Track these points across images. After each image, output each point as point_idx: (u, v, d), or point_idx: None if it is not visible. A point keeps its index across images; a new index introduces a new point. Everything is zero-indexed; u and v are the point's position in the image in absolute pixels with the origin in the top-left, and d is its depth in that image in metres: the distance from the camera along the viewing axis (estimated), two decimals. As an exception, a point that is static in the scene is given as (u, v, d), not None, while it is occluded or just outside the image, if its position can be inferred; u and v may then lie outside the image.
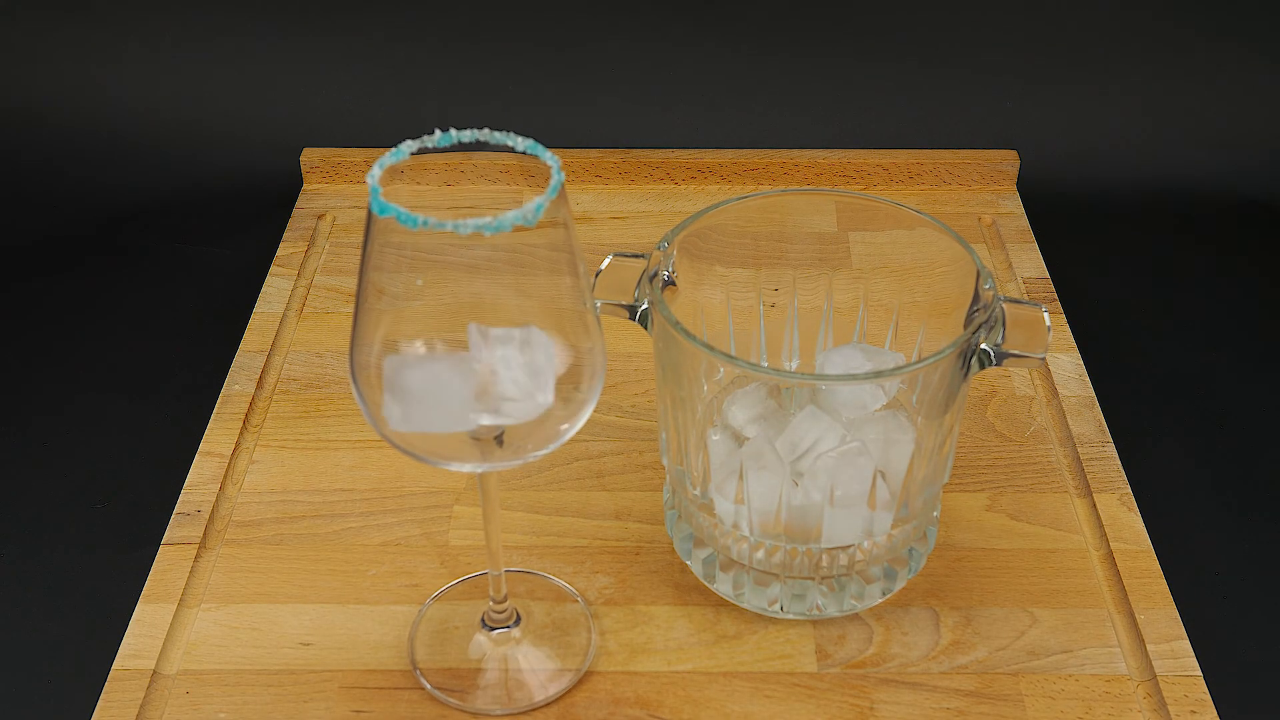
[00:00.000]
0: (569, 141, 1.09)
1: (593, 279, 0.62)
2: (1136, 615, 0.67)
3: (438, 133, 0.52)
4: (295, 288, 0.91)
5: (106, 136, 1.13)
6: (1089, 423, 0.79)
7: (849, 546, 0.64)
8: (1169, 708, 0.63)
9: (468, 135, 0.52)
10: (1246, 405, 0.89)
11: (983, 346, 0.60)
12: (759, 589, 0.66)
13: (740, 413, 0.67)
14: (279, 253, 0.95)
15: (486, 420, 0.53)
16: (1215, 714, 0.62)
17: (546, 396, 0.53)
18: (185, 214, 1.08)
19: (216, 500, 0.74)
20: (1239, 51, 1.12)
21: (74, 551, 0.78)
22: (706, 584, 0.68)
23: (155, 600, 0.68)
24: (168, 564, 0.70)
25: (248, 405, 0.81)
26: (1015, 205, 1.00)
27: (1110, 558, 0.71)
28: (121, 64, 1.14)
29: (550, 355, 0.53)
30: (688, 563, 0.69)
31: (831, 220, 0.70)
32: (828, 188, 1.02)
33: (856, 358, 0.68)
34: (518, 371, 0.52)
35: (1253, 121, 1.13)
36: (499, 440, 0.54)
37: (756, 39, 1.14)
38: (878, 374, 0.65)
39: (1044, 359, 0.60)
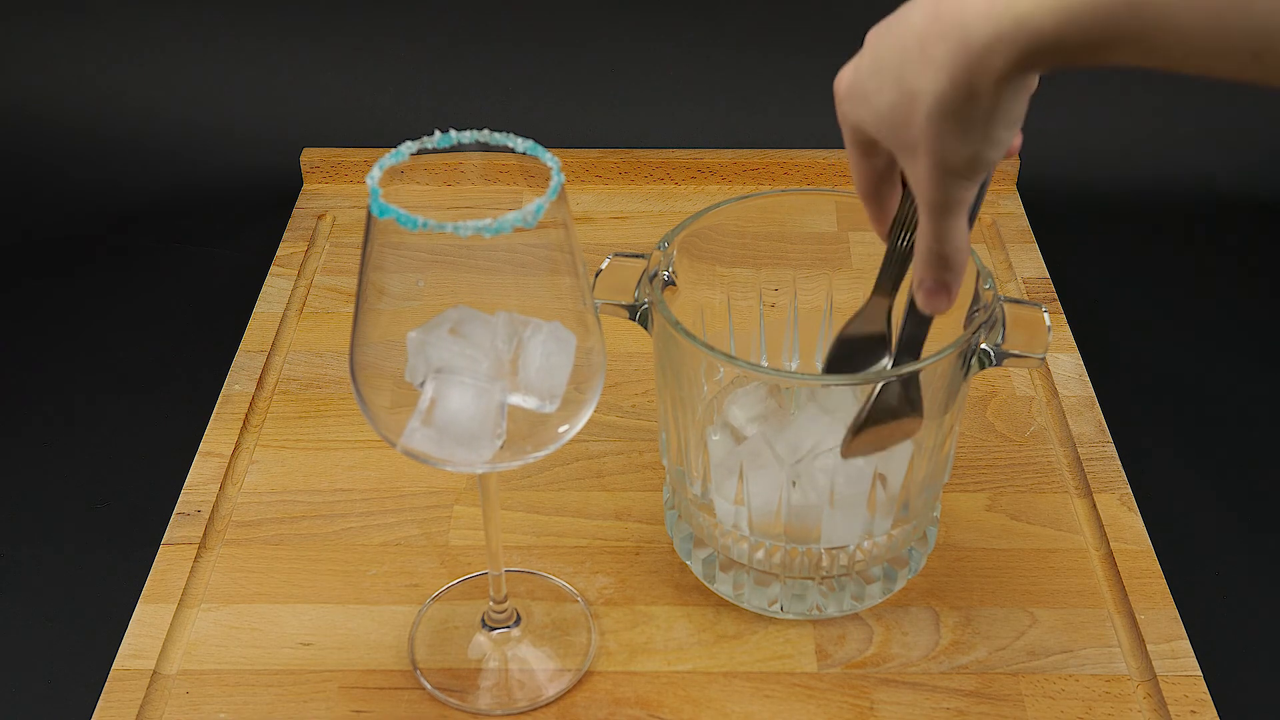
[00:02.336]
0: (569, 141, 1.09)
1: (593, 279, 0.62)
2: (1136, 615, 0.67)
3: (437, 133, 0.52)
4: (295, 288, 0.91)
5: (106, 136, 1.13)
6: (1089, 423, 0.79)
7: (849, 547, 0.64)
8: (1169, 708, 0.63)
9: (467, 136, 0.52)
10: (1246, 405, 0.89)
11: (983, 346, 0.60)
12: (759, 589, 0.66)
13: (740, 412, 0.67)
14: (279, 253, 0.95)
15: (514, 400, 0.53)
16: (1215, 714, 0.62)
17: (555, 402, 0.53)
18: (185, 214, 1.08)
19: (216, 500, 0.74)
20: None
21: (74, 551, 0.78)
22: (706, 584, 0.68)
23: (155, 600, 0.68)
24: (168, 564, 0.70)
25: (248, 405, 0.81)
26: (1015, 205, 1.00)
27: (1110, 558, 0.71)
28: (121, 64, 1.14)
29: (570, 353, 0.53)
30: (688, 563, 0.69)
31: (831, 220, 0.70)
32: (828, 188, 1.02)
33: None
34: (539, 363, 0.52)
35: (1253, 121, 1.13)
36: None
37: (757, 39, 1.14)
38: (878, 374, 0.65)
39: (1044, 359, 0.60)
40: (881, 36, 0.48)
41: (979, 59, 0.43)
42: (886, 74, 0.47)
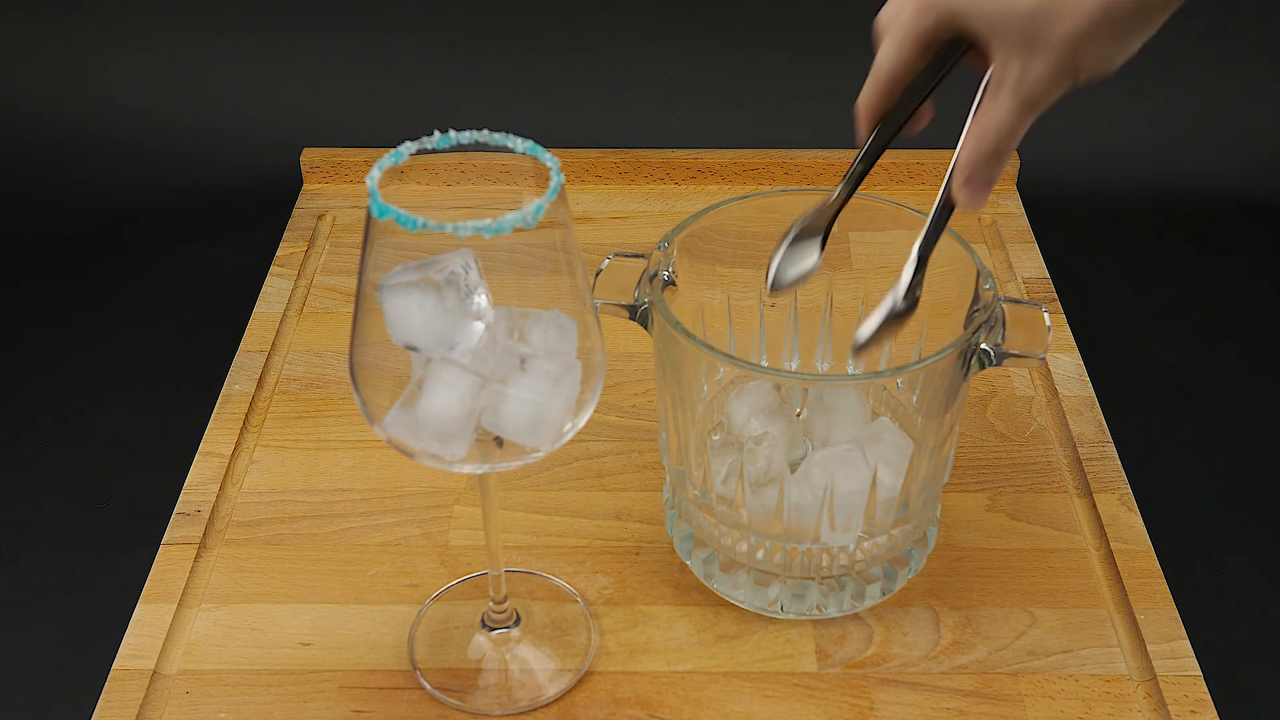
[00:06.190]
0: (569, 141, 1.09)
1: (593, 279, 0.62)
2: (1136, 615, 0.67)
3: (437, 134, 0.52)
4: (295, 288, 0.91)
5: (106, 136, 1.13)
6: (1089, 423, 0.79)
7: (849, 547, 0.64)
8: (1169, 708, 0.63)
9: (467, 136, 0.52)
10: (1246, 405, 0.89)
11: (983, 346, 0.60)
12: (759, 589, 0.66)
13: (743, 408, 0.67)
14: (279, 253, 0.95)
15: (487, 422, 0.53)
16: (1215, 714, 0.62)
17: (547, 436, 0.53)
18: (185, 214, 1.08)
19: (216, 500, 0.74)
20: (1239, 52, 1.12)
21: (74, 552, 0.78)
22: (706, 584, 0.68)
23: (155, 600, 0.68)
24: (168, 564, 0.70)
25: (248, 405, 0.81)
26: (1015, 205, 1.00)
27: (1110, 558, 0.71)
28: (121, 64, 1.14)
29: (573, 391, 0.53)
30: (688, 563, 0.69)
31: (831, 220, 0.70)
32: (828, 188, 1.02)
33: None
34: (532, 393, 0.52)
35: (1253, 121, 1.13)
36: (499, 441, 0.54)
37: (757, 39, 1.14)
38: (878, 374, 0.65)
39: (1044, 359, 0.60)
40: None
41: None
42: None
